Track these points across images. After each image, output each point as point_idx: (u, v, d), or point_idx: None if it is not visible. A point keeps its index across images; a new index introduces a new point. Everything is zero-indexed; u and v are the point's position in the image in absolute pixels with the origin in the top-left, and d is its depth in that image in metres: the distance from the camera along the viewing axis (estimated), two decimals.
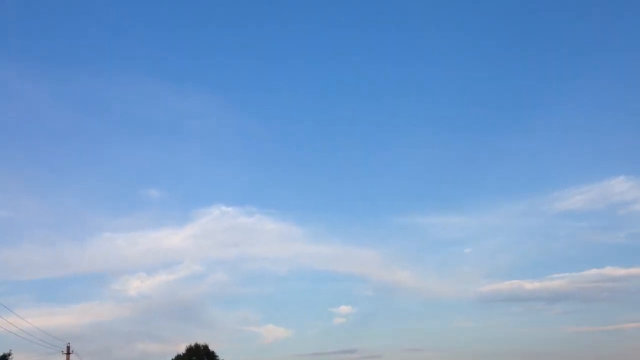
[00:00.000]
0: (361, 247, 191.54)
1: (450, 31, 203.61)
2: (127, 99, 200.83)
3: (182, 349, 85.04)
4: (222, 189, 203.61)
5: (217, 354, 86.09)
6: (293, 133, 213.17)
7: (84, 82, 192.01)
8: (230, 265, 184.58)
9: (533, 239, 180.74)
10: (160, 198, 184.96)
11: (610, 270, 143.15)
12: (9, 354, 40.28)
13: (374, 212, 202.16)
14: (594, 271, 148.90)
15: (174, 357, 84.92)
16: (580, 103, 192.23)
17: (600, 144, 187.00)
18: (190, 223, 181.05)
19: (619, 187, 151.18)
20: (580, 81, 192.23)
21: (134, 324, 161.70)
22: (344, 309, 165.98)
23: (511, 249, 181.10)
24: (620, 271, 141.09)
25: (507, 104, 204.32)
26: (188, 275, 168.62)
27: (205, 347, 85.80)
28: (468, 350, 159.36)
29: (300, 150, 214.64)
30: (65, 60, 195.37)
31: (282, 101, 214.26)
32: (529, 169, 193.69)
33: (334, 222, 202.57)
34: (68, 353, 49.32)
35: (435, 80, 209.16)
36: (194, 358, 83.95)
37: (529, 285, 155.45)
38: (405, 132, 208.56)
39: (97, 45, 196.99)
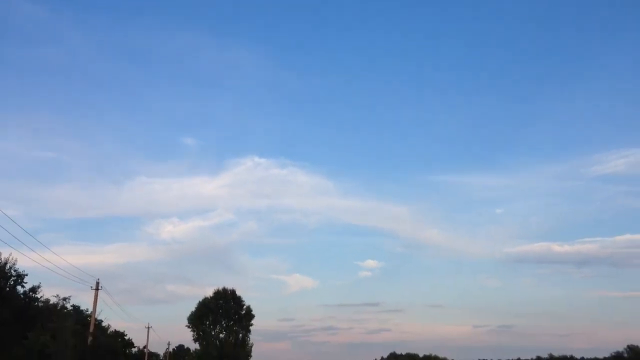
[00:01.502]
0: (392, 203, 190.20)
1: (502, 11, 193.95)
2: (168, 51, 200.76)
3: (209, 293, 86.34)
4: (256, 140, 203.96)
5: (243, 299, 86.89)
6: (329, 88, 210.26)
7: (128, 33, 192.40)
8: (261, 215, 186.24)
9: (567, 202, 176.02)
10: (195, 146, 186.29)
11: None
12: (39, 287, 40.12)
13: (406, 169, 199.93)
14: (627, 236, 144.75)
15: (201, 299, 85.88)
16: (624, 67, 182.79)
17: None
18: (224, 172, 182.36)
19: None
20: (626, 44, 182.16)
21: (165, 266, 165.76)
22: (371, 263, 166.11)
23: (544, 211, 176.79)
24: None
25: (550, 65, 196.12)
26: (219, 223, 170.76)
27: (233, 292, 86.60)
28: (491, 310, 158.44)
29: (335, 105, 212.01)
30: (110, 11, 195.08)
31: (319, 57, 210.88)
32: (569, 131, 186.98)
33: (366, 177, 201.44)
34: (97, 289, 49.34)
35: (479, 46, 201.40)
36: (221, 301, 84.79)
37: (559, 248, 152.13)
38: (441, 91, 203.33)
39: None
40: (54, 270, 43.06)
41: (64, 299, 41.13)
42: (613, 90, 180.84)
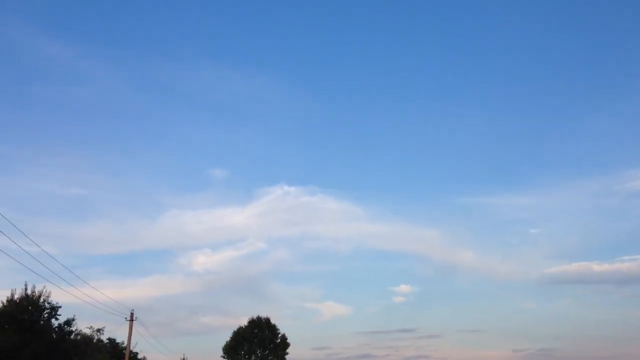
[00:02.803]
0: (423, 226, 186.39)
1: (530, 19, 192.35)
2: (194, 82, 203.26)
3: (244, 323, 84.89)
4: (284, 168, 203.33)
5: (277, 327, 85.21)
6: (354, 113, 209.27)
7: (154, 67, 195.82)
8: (292, 243, 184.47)
9: (604, 220, 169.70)
10: (224, 177, 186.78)
11: None
12: (73, 319, 39.46)
13: (436, 191, 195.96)
14: None
15: (236, 329, 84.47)
16: None
17: None
18: (253, 202, 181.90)
19: None
20: None
21: (199, 297, 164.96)
22: (404, 288, 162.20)
23: (580, 230, 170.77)
24: None
25: (582, 82, 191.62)
26: (251, 252, 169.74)
27: (267, 320, 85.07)
28: (530, 333, 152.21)
29: (361, 129, 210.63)
30: (133, 43, 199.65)
31: (344, 81, 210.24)
32: (601, 147, 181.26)
33: (395, 201, 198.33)
34: (132, 320, 48.50)
35: (507, 59, 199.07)
36: (256, 330, 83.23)
37: (598, 267, 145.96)
38: (472, 110, 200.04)
39: (166, 32, 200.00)
40: (90, 304, 42.72)
41: (98, 330, 40.34)
42: None
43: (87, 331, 40.61)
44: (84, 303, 41.16)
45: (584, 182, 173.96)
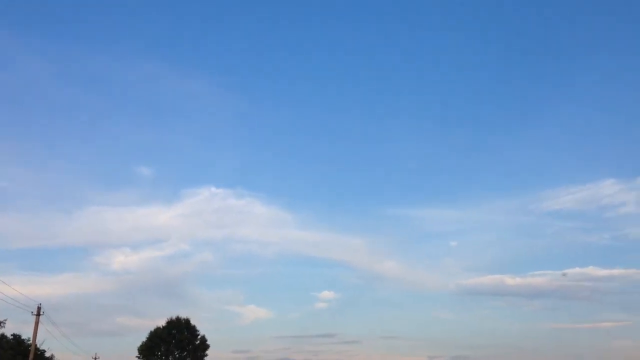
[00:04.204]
0: (349, 235, 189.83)
1: (452, 31, 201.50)
2: (126, 79, 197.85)
3: (162, 324, 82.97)
4: (213, 170, 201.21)
5: (197, 329, 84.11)
6: (287, 119, 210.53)
7: (85, 60, 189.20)
8: (217, 246, 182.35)
9: (519, 236, 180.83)
10: (151, 176, 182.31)
11: (592, 270, 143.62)
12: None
13: (363, 201, 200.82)
14: (577, 270, 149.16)
15: (153, 329, 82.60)
16: (575, 105, 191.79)
17: (592, 146, 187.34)
18: (179, 202, 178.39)
19: (608, 189, 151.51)
20: (577, 83, 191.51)
21: (115, 297, 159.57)
22: (327, 294, 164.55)
23: (496, 245, 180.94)
24: (602, 271, 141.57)
25: (505, 103, 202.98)
26: (173, 254, 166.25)
27: (187, 321, 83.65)
28: (445, 341, 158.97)
29: (293, 136, 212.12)
30: (68, 37, 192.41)
31: (278, 87, 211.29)
32: (521, 167, 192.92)
33: (323, 209, 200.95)
34: (38, 314, 46.63)
35: (434, 76, 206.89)
36: (174, 331, 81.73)
37: (511, 280, 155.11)
38: (400, 125, 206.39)
39: (100, 25, 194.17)
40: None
41: None
42: (564, 126, 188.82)
43: None
44: None
45: (502, 199, 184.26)
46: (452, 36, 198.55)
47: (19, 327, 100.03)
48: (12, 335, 51.88)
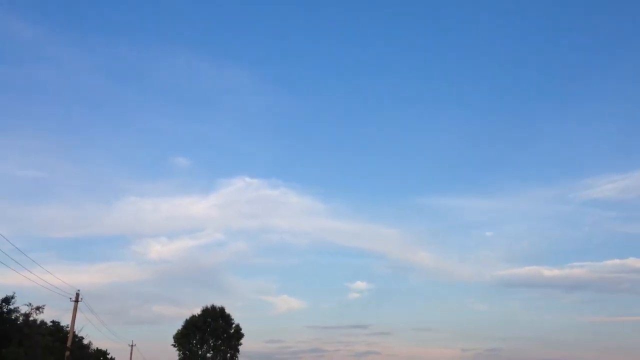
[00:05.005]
0: (382, 225, 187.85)
1: (493, 20, 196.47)
2: (163, 71, 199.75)
3: (197, 313, 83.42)
4: (248, 160, 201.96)
5: (232, 317, 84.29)
6: (323, 110, 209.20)
7: (123, 53, 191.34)
8: (251, 236, 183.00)
9: (557, 226, 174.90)
10: (187, 166, 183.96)
11: (632, 262, 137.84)
12: (12, 297, 37.72)
13: (397, 192, 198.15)
14: (616, 261, 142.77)
15: (188, 318, 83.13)
16: (617, 93, 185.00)
17: (633, 134, 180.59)
18: (214, 192, 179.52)
19: None
20: (620, 72, 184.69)
21: (152, 286, 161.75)
22: (360, 284, 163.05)
23: (533, 235, 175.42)
24: None
25: (543, 91, 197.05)
26: (209, 243, 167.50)
27: (222, 310, 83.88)
28: (479, 333, 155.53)
29: (328, 127, 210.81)
30: (106, 31, 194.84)
31: (314, 79, 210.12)
32: (560, 155, 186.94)
33: (357, 199, 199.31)
34: (77, 300, 47.00)
35: (475, 67, 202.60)
36: (209, 319, 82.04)
37: (548, 272, 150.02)
38: (435, 114, 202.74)
39: (137, 18, 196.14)
40: (37, 283, 41.18)
41: (37, 308, 38.28)
42: (605, 114, 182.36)
43: (25, 308, 38.51)
44: (32, 287, 39.72)
45: (540, 188, 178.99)
46: (491, 24, 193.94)
47: (59, 314, 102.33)
48: (51, 322, 52.36)
